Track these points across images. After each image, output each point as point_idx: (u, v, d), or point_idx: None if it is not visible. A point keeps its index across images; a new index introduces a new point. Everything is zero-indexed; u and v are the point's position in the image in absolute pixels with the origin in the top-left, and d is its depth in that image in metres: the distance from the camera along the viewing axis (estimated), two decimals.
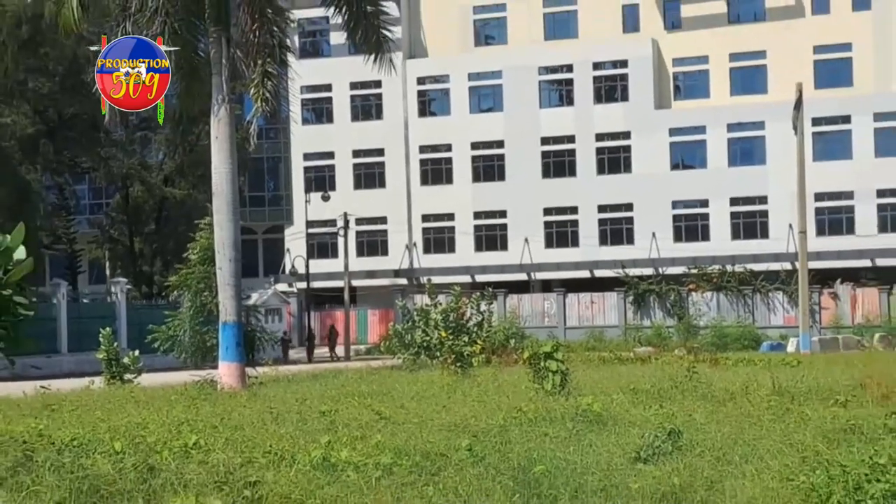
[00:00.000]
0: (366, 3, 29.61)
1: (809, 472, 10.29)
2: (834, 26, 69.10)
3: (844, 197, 66.83)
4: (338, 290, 66.37)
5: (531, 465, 11.30)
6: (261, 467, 11.48)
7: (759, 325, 62.61)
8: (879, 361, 29.56)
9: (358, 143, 74.84)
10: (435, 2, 75.67)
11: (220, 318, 28.66)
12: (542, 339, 30.73)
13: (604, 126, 70.94)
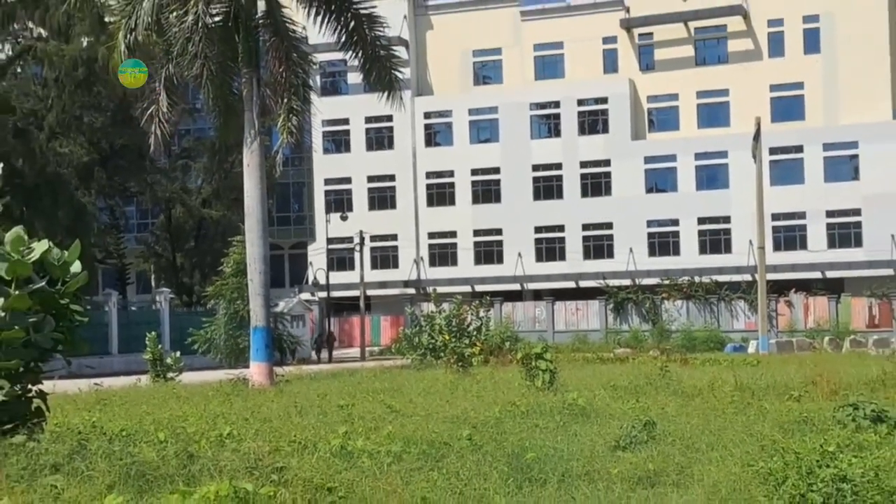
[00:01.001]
0: (379, 47, 29.64)
1: (767, 459, 10.25)
2: (788, 67, 69.16)
3: (798, 217, 66.77)
4: (354, 298, 66.36)
5: (523, 453, 11.28)
6: (286, 455, 11.47)
7: (724, 329, 62.55)
8: (828, 361, 29.47)
9: (372, 170, 74.89)
10: (439, 46, 75.78)
11: (251, 324, 28.61)
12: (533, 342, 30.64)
13: (587, 155, 70.96)
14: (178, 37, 26.84)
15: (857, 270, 64.96)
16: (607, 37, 73.13)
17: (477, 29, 74.71)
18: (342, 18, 29.09)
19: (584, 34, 72.80)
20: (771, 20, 69.83)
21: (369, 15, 29.30)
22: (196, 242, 70.99)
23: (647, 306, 66.20)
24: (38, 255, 11.78)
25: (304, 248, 75.82)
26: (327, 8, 29.02)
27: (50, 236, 14.25)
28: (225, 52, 27.75)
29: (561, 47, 74.03)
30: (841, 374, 21.78)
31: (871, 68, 67.39)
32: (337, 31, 29.25)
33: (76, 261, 12.08)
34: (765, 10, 69.75)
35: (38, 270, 11.80)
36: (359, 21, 29.14)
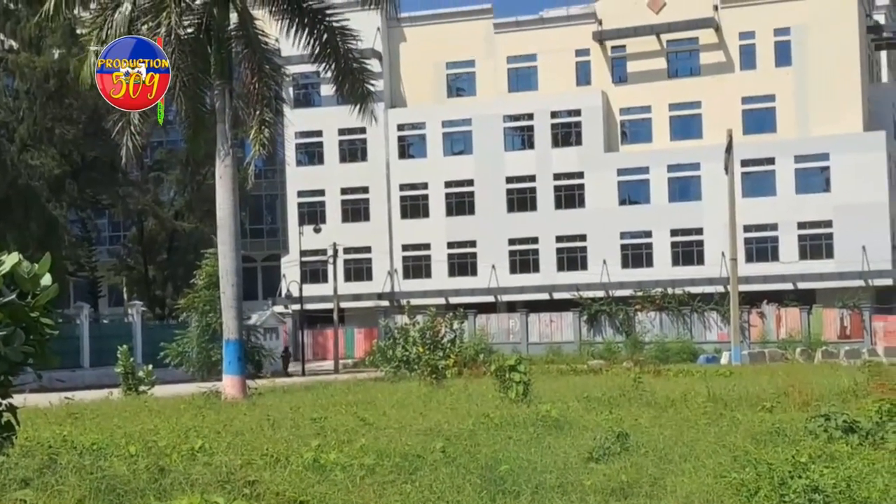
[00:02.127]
0: (351, 60, 29.63)
1: (740, 470, 10.31)
2: (760, 80, 69.61)
3: (769, 228, 67.12)
4: (328, 311, 66.25)
5: (497, 465, 11.27)
6: (259, 468, 11.42)
7: (697, 340, 62.79)
8: (800, 372, 29.62)
9: (345, 182, 74.83)
10: (412, 58, 75.86)
11: (224, 336, 28.51)
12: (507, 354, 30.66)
13: (560, 167, 71.14)
14: None
15: (829, 282, 65.33)
16: (580, 49, 73.39)
17: (450, 41, 74.82)
18: (315, 31, 29.09)
19: (557, 46, 73.03)
20: (742, 33, 70.27)
21: (342, 27, 29.31)
22: (168, 255, 70.70)
23: (621, 318, 66.41)
24: (9, 268, 11.68)
25: (278, 261, 75.63)
26: (300, 20, 29.01)
27: (21, 249, 14.16)
28: (197, 64, 27.68)
29: (534, 59, 74.25)
30: (813, 384, 21.88)
31: (841, 81, 67.90)
32: (310, 43, 29.24)
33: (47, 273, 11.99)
34: (736, 23, 70.18)
35: (8, 283, 11.70)
36: (332, 33, 29.15)
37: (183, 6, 26.66)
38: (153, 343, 47.24)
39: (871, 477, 10.05)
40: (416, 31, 75.70)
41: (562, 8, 75.25)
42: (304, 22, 29.00)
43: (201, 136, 29.58)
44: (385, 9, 29.99)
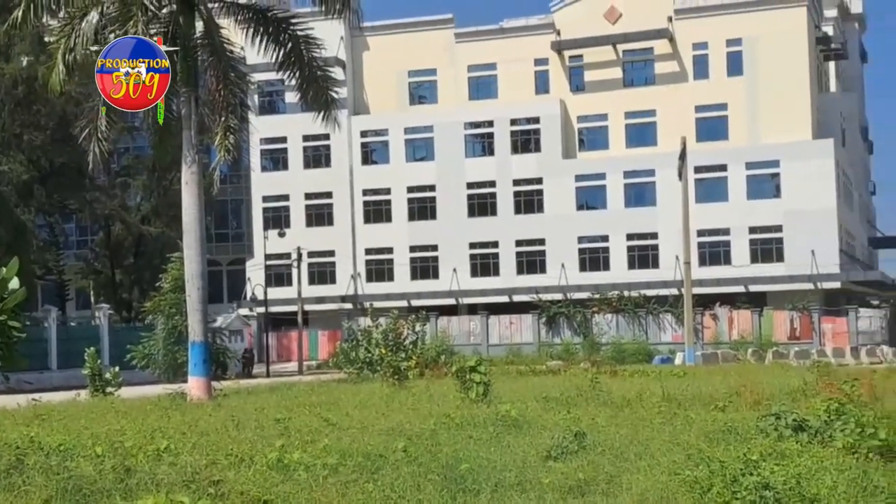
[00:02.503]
0: (315, 68, 29.58)
1: (693, 468, 10.34)
2: (712, 89, 70.08)
3: (722, 233, 67.55)
4: (292, 313, 65.98)
5: (457, 464, 11.26)
6: (223, 468, 11.35)
7: (652, 341, 63.07)
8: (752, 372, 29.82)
9: (309, 188, 74.62)
10: (375, 67, 75.80)
11: (189, 339, 28.34)
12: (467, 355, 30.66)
13: (520, 173, 71.29)
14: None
15: (779, 284, 65.80)
16: (539, 58, 73.61)
17: (412, 50, 74.83)
18: (280, 39, 29.02)
19: (517, 56, 73.21)
20: (696, 43, 70.72)
21: (306, 36, 29.25)
22: (135, 259, 70.13)
23: (579, 320, 66.59)
24: None
25: (243, 265, 75.28)
26: (265, 29, 28.93)
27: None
28: None
29: (494, 68, 74.40)
30: (764, 384, 22.03)
31: (791, 90, 68.47)
32: (274, 51, 29.17)
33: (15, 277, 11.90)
34: (690, 34, 70.63)
35: None
36: (296, 42, 29.08)
37: (149, 15, 26.49)
38: (120, 345, 46.88)
39: (820, 474, 10.12)
40: (378, 40, 75.63)
41: (521, 18, 75.47)
42: (269, 31, 28.92)
43: (167, 143, 29.44)
44: (348, 18, 29.94)
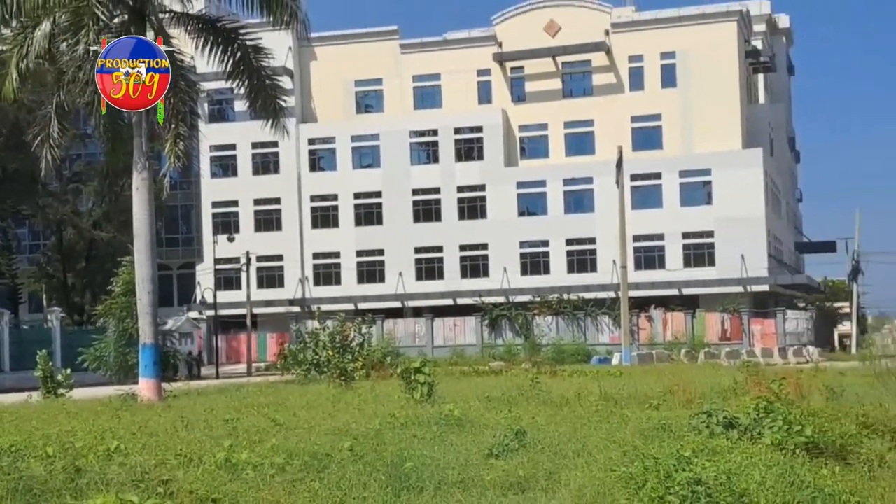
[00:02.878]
0: (264, 77, 29.42)
1: (629, 464, 10.35)
2: (647, 100, 70.70)
3: (657, 238, 68.12)
4: (241, 316, 65.54)
5: (402, 462, 11.22)
6: (172, 468, 11.22)
7: (590, 342, 63.46)
8: (685, 372, 30.01)
9: (258, 194, 74.23)
10: (323, 76, 75.62)
11: (140, 341, 28.04)
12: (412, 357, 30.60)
13: (464, 180, 71.42)
14: (70, 65, 26.30)
15: (711, 288, 66.47)
16: (482, 69, 73.83)
17: (359, 60, 74.72)
18: (229, 49, 28.83)
19: (460, 67, 73.38)
20: (632, 56, 71.31)
21: (255, 46, 29.09)
22: (87, 263, 69.31)
23: (520, 322, 66.82)
24: None
25: (193, 269, 74.67)
26: (215, 39, 28.72)
27: None
28: None
29: (438, 79, 74.50)
30: (696, 383, 22.16)
31: (722, 101, 69.25)
32: (224, 61, 28.96)
33: None
34: (626, 47, 71.21)
35: None
36: (245, 52, 28.91)
37: (101, 25, 26.17)
38: (72, 348, 46.27)
39: (749, 469, 10.20)
40: (326, 51, 75.44)
41: (464, 31, 75.70)
42: (219, 41, 28.71)
43: (119, 149, 29.10)
44: (296, 29, 29.80)
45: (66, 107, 27.77)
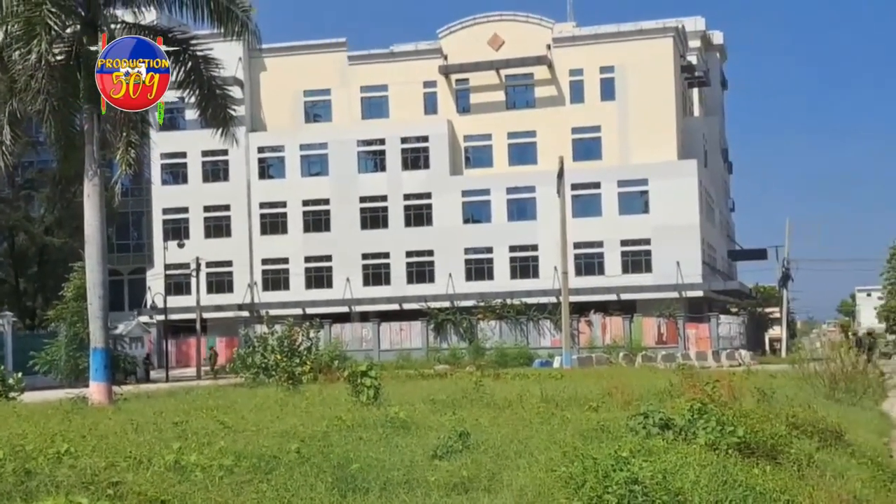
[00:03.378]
0: (214, 87, 29.18)
1: (569, 464, 10.40)
2: (587, 113, 71.13)
3: (596, 245, 68.51)
4: (191, 321, 64.94)
5: (348, 464, 11.17)
6: (122, 470, 11.07)
7: (532, 346, 63.65)
8: (623, 375, 30.17)
9: (208, 201, 73.66)
10: (272, 86, 75.23)
11: (91, 345, 27.69)
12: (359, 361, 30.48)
13: (410, 188, 71.39)
14: (22, 74, 25.89)
15: (648, 293, 66.96)
16: (428, 81, 73.86)
17: (308, 71, 74.46)
18: (180, 59, 28.55)
19: (407, 78, 73.37)
20: (572, 70, 71.73)
21: (206, 56, 28.85)
22: (39, 268, 68.42)
23: (465, 326, 66.85)
24: None
25: (143, 274, 73.88)
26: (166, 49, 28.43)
27: None
28: (67, 88, 26.87)
29: (386, 90, 74.42)
30: (634, 386, 22.30)
31: (658, 114, 69.88)
32: (175, 70, 28.64)
33: None
34: (567, 61, 71.63)
35: None
36: (196, 62, 28.66)
37: (53, 34, 25.84)
38: (23, 352, 45.58)
39: (684, 469, 10.29)
40: (276, 61, 75.07)
41: (411, 43, 75.66)
42: (170, 51, 28.43)
43: (71, 157, 28.73)
44: (247, 40, 29.58)
45: (19, 115, 27.36)
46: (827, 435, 14.98)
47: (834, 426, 15.52)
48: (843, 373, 24.86)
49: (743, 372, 31.04)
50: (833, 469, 12.53)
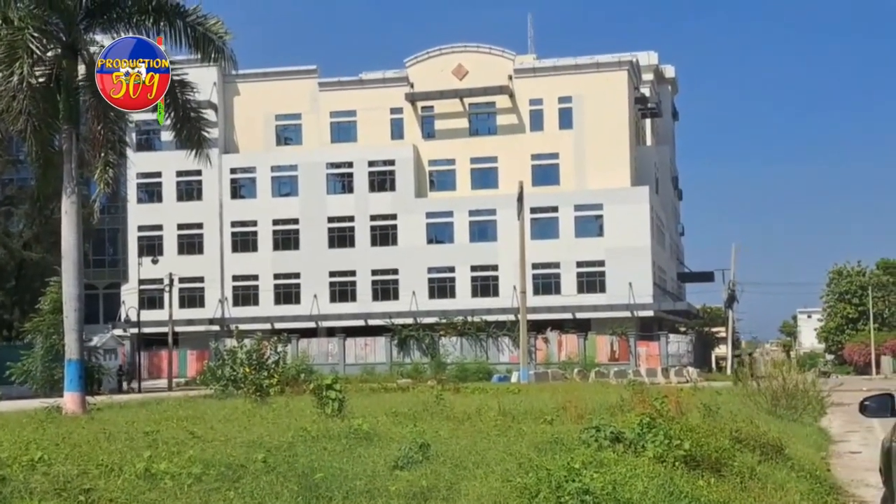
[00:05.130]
0: (189, 110, 29.04)
1: (524, 475, 10.39)
2: (546, 140, 71.56)
3: (553, 266, 68.79)
4: (164, 334, 64.46)
5: (313, 473, 11.10)
6: (94, 477, 10.94)
7: (492, 361, 63.71)
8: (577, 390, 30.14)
9: (182, 219, 73.28)
10: (245, 110, 75.11)
11: (66, 357, 27.39)
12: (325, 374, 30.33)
13: (376, 209, 71.39)
14: (4, 95, 25.68)
15: (601, 312, 67.28)
16: (394, 107, 74.02)
17: (279, 96, 74.43)
18: None
19: (375, 104, 73.49)
20: (532, 100, 72.17)
21: (181, 80, 28.69)
22: (16, 282, 67.51)
23: (427, 342, 66.86)
24: None
25: (118, 289, 73.29)
26: None
27: None
28: (47, 109, 26.66)
29: (354, 115, 74.49)
30: (587, 400, 22.30)
31: (613, 142, 70.42)
32: None
33: None
34: (527, 91, 72.06)
35: None
36: (171, 85, 28.48)
37: (35, 58, 25.67)
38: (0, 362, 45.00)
39: (633, 481, 10.31)
40: (249, 86, 74.98)
41: (379, 71, 75.87)
42: None
43: (50, 175, 28.46)
44: (222, 65, 29.49)
45: (0, 134, 27.12)
46: (768, 449, 15.06)
47: (775, 441, 15.60)
48: (784, 390, 25.04)
49: (690, 388, 31.23)
50: (774, 482, 12.60)
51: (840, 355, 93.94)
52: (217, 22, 27.79)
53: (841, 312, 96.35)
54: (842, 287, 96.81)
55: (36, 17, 26.26)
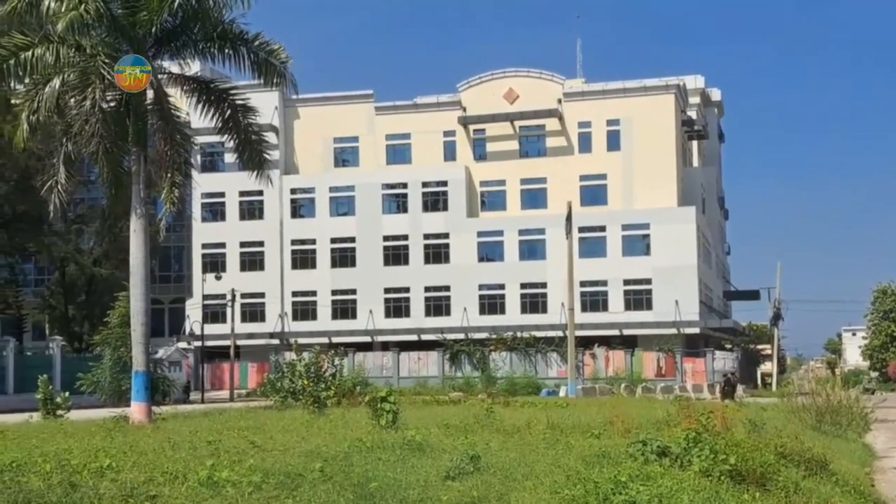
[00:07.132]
0: (251, 132, 29.33)
1: (572, 487, 10.34)
2: (594, 162, 71.29)
3: (601, 284, 68.41)
4: (226, 347, 65.00)
5: (368, 482, 11.12)
6: (159, 484, 11.07)
7: (540, 376, 63.45)
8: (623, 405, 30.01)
9: (244, 237, 74.00)
10: (305, 133, 75.75)
11: (133, 368, 27.69)
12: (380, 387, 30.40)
13: (430, 228, 71.55)
14: (77, 118, 26.10)
15: (648, 329, 66.77)
16: (447, 130, 74.23)
17: (337, 120, 75.01)
18: (220, 107, 28.74)
19: (429, 128, 73.76)
20: (581, 122, 72.00)
21: (244, 105, 29.04)
22: (87, 296, 68.60)
23: (478, 357, 66.75)
24: None
25: (183, 303, 74.13)
26: (207, 98, 28.64)
27: None
28: (117, 132, 27.06)
29: (409, 138, 74.82)
30: (634, 415, 22.13)
31: (660, 164, 69.96)
32: (215, 117, 28.84)
33: None
34: (576, 114, 71.91)
35: None
36: (234, 110, 28.85)
37: (106, 83, 26.10)
38: (71, 373, 45.69)
39: (679, 494, 10.22)
40: (308, 111, 75.65)
41: (432, 96, 76.14)
42: (211, 99, 28.64)
43: (119, 195, 28.84)
44: (283, 89, 29.77)
45: (73, 156, 27.56)
46: (813, 464, 14.84)
47: (819, 456, 15.37)
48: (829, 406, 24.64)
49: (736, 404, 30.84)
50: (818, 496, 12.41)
51: (884, 373, 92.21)
52: (279, 48, 28.06)
53: (885, 331, 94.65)
54: (886, 306, 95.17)
55: (108, 45, 26.72)
